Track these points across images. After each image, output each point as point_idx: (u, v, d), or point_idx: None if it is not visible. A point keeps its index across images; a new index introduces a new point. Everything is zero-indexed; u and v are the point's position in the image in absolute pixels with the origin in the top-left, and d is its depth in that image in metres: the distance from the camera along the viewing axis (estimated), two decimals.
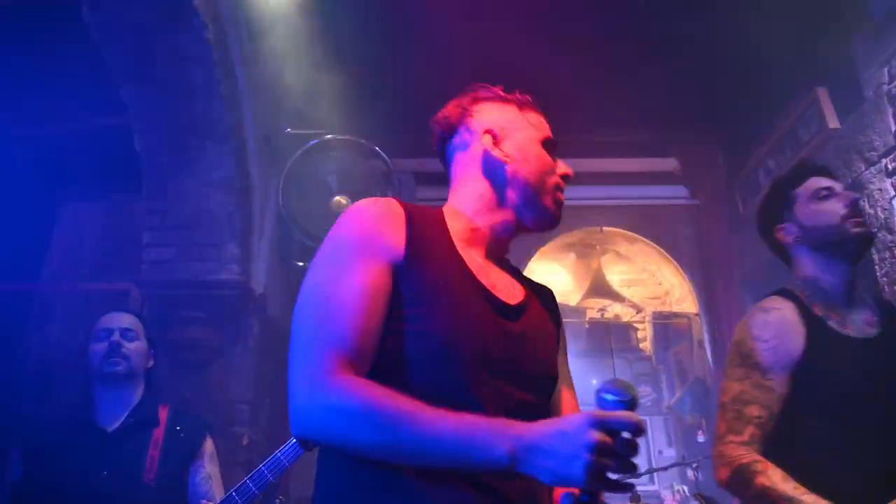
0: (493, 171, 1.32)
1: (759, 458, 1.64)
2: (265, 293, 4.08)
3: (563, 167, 1.35)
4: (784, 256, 1.97)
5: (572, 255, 6.13)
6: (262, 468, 2.31)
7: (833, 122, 3.62)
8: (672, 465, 4.15)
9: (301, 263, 4.26)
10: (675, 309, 5.72)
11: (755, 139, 4.49)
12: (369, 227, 1.18)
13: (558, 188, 1.33)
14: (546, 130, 1.38)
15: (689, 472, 4.24)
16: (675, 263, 5.47)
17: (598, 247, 5.94)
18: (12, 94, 4.18)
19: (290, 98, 4.14)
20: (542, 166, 1.32)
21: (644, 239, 5.50)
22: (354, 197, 4.07)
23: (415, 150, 4.60)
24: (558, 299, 1.47)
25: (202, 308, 3.82)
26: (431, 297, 1.12)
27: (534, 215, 1.30)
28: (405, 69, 4.11)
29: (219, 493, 2.39)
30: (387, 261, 1.14)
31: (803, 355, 1.71)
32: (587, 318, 5.81)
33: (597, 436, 0.88)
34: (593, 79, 4.23)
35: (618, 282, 6.03)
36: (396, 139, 4.37)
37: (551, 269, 6.11)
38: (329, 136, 4.07)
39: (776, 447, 1.68)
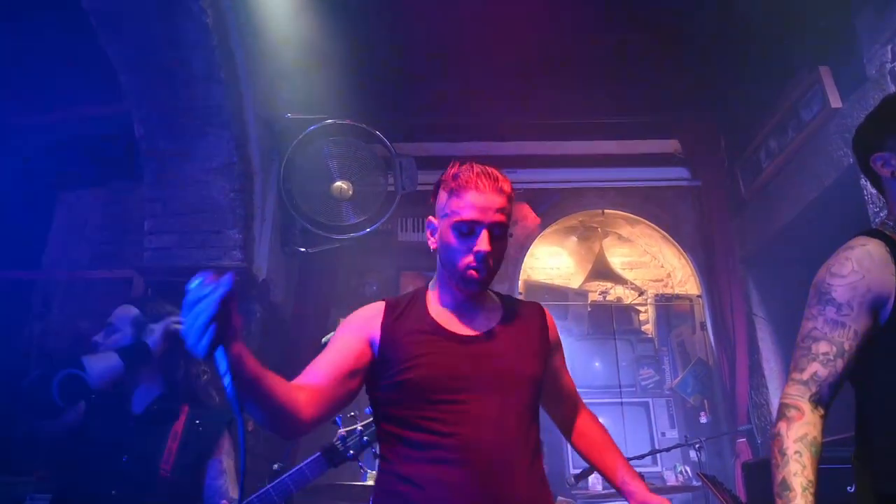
0: (436, 254, 1.72)
1: (802, 404, 1.55)
2: (267, 279, 4.08)
3: (478, 244, 1.58)
4: (878, 188, 1.82)
5: (574, 239, 6.12)
6: (286, 478, 2.28)
7: (836, 102, 3.60)
8: (675, 447, 4.16)
9: (303, 249, 4.26)
10: (678, 291, 5.72)
11: (756, 120, 4.48)
12: (353, 320, 1.69)
13: (469, 266, 1.59)
14: (463, 212, 1.59)
15: (692, 453, 4.26)
16: (677, 245, 5.47)
17: (599, 229, 5.93)
18: (12, 82, 4.16)
19: (290, 83, 4.12)
20: (450, 253, 1.62)
21: (646, 221, 5.49)
22: (356, 182, 4.06)
23: (417, 133, 4.59)
24: (560, 282, 1.65)
25: None
26: (403, 351, 1.58)
27: (457, 286, 1.65)
28: (407, 53, 4.09)
29: (232, 488, 2.40)
30: (361, 336, 1.63)
31: (891, 296, 1.58)
32: (589, 301, 5.80)
33: None
34: (594, 61, 4.21)
35: (620, 264, 6.03)
36: (398, 123, 4.35)
37: (553, 253, 6.11)
38: (329, 120, 4.05)
39: (856, 388, 1.61)
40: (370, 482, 3.23)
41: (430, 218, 1.71)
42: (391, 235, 4.94)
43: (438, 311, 1.67)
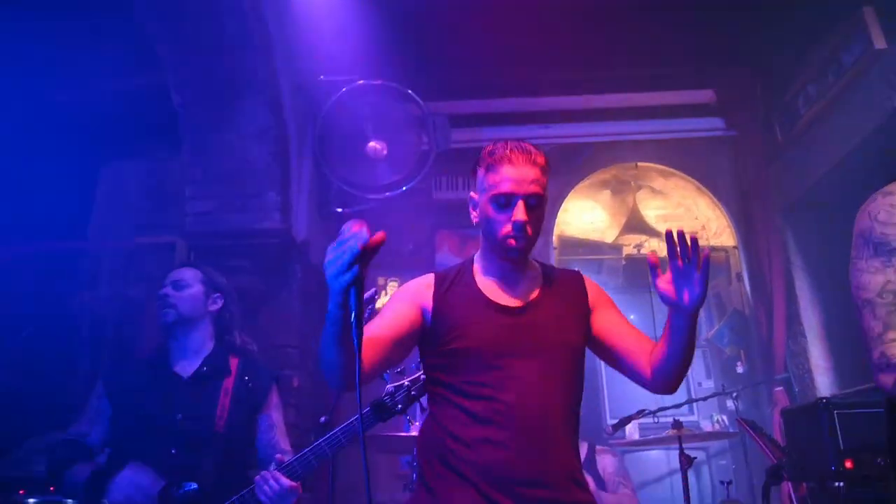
0: (479, 228, 1.81)
1: None
2: (307, 240, 4.16)
3: (515, 214, 1.67)
4: None
5: (607, 192, 6.09)
6: (338, 433, 2.31)
7: (880, 43, 3.51)
8: (711, 396, 4.19)
9: (340, 209, 4.32)
10: (713, 243, 5.67)
11: (794, 65, 4.37)
12: (406, 290, 1.81)
13: (508, 236, 1.68)
14: (499, 185, 1.68)
15: (729, 402, 4.29)
16: (712, 196, 5.41)
17: (632, 183, 5.89)
18: (51, 57, 4.24)
19: (323, 45, 4.13)
20: (490, 225, 1.72)
21: (680, 173, 5.44)
22: (389, 141, 4.09)
23: (448, 92, 4.58)
24: (594, 237, 1.70)
25: (246, 257, 3.92)
26: (452, 321, 1.70)
27: (499, 256, 1.74)
28: (439, 11, 4.07)
29: (282, 441, 2.50)
30: (414, 305, 1.73)
31: None
32: (624, 255, 5.80)
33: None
34: (625, 13, 4.13)
35: (654, 217, 5.99)
36: (430, 82, 4.35)
37: (587, 207, 6.09)
38: (361, 81, 4.06)
39: None
40: (413, 433, 3.33)
41: (472, 194, 1.81)
42: (426, 194, 4.97)
43: (484, 282, 1.77)
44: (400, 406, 2.27)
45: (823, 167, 4.19)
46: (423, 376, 2.29)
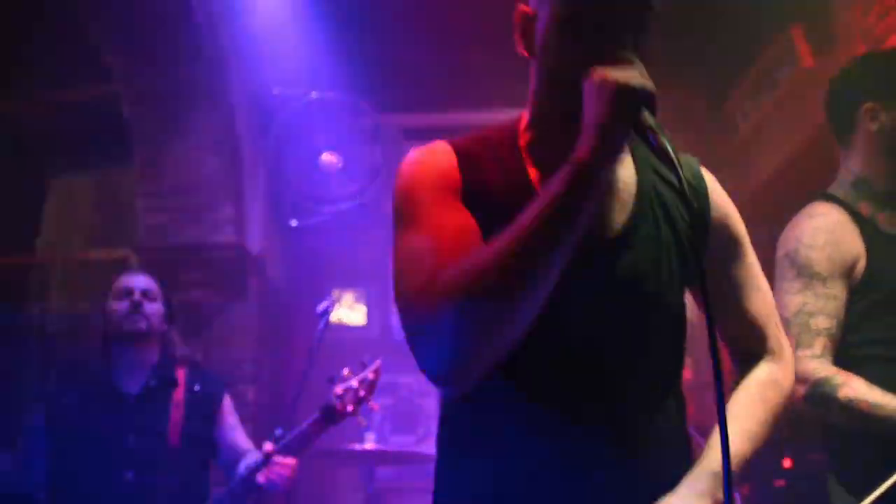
0: (532, 68, 1.09)
1: (835, 369, 1.56)
2: (262, 253, 4.17)
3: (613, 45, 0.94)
4: (842, 130, 1.80)
5: None
6: (290, 440, 2.29)
7: (808, 61, 3.69)
8: None
9: (294, 222, 4.34)
10: None
11: (732, 82, 4.56)
12: (429, 174, 1.04)
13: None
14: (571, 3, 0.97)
15: (690, 408, 4.41)
16: None
17: None
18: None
19: (277, 57, 4.16)
20: (560, 62, 1.00)
21: None
22: (343, 154, 4.12)
23: (402, 104, 4.64)
24: None
25: (200, 270, 3.91)
26: None
27: (570, 125, 0.93)
28: (394, 24, 4.13)
29: (244, 442, 2.46)
30: (458, 197, 1.02)
31: (860, 259, 1.64)
32: None
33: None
34: None
35: None
36: (383, 95, 4.40)
37: None
38: (315, 93, 4.10)
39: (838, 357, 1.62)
40: (368, 445, 3.33)
41: (521, 7, 1.06)
42: (379, 206, 5.01)
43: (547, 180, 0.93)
44: (350, 408, 2.27)
45: (760, 178, 4.37)
46: (370, 376, 2.30)
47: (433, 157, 1.05)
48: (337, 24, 3.94)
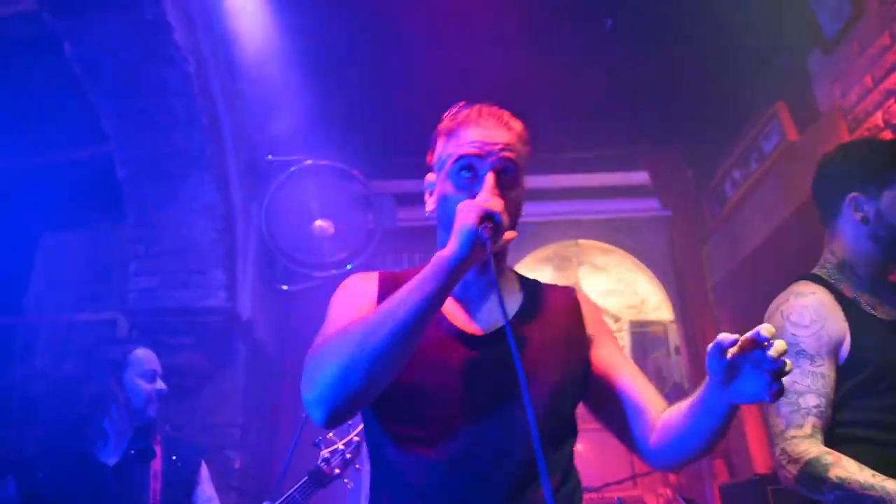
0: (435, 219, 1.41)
1: (826, 449, 1.56)
2: (251, 317, 4.14)
3: (482, 190, 1.25)
4: (827, 217, 1.85)
5: (549, 269, 6.25)
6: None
7: (793, 135, 3.79)
8: (654, 471, 4.26)
9: (285, 287, 4.34)
10: (652, 317, 5.86)
11: (721, 151, 4.67)
12: (351, 288, 1.42)
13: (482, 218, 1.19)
14: (461, 149, 1.31)
15: (671, 477, 4.36)
16: (650, 273, 5.62)
17: (574, 259, 6.07)
18: None
19: (271, 125, 4.23)
20: (448, 207, 1.29)
21: (619, 249, 5.64)
22: (336, 220, 4.16)
23: (394, 171, 4.71)
24: None
25: (189, 334, 3.87)
26: None
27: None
28: (383, 93, 4.23)
29: None
30: (369, 305, 1.34)
31: (846, 338, 1.66)
32: None
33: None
34: (566, 99, 4.37)
35: (596, 293, 6.16)
36: (377, 161, 4.47)
37: None
38: (308, 161, 4.16)
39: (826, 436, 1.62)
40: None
41: (428, 176, 1.42)
42: (372, 272, 5.02)
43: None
44: (337, 470, 2.26)
45: (749, 247, 4.42)
46: (355, 438, 2.31)
47: (362, 280, 1.43)
48: (332, 93, 4.03)
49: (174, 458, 2.38)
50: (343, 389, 1.12)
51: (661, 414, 1.30)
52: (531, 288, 1.45)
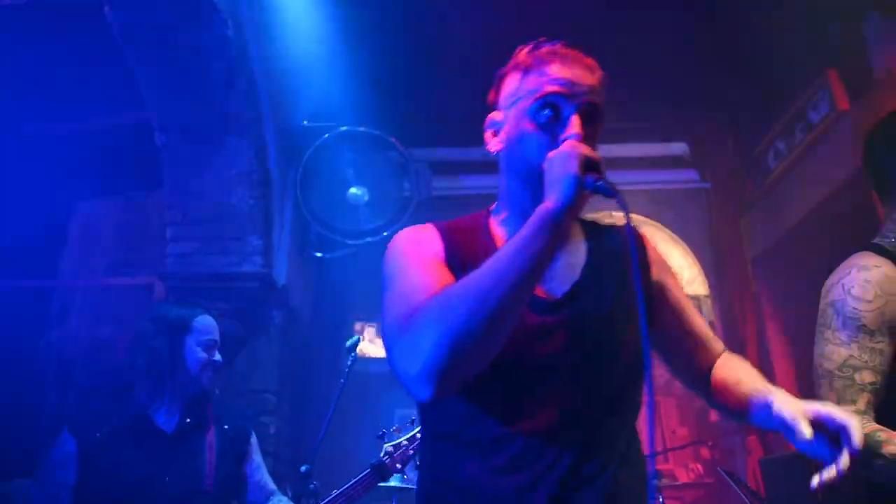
0: (500, 162, 1.31)
1: (878, 426, 1.52)
2: (287, 284, 4.14)
3: (568, 129, 1.17)
4: (885, 185, 1.78)
5: None
6: (338, 496, 2.25)
7: (844, 104, 3.67)
8: (689, 445, 4.23)
9: (320, 254, 4.33)
10: (686, 291, 5.78)
11: (765, 122, 4.54)
12: (415, 242, 1.28)
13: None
14: (545, 87, 1.20)
15: (703, 451, 4.33)
16: (685, 246, 5.53)
17: None
18: (31, 91, 4.22)
19: (308, 91, 4.19)
20: (526, 148, 1.21)
21: (654, 222, 5.56)
22: (371, 188, 4.13)
23: (430, 139, 4.65)
24: None
25: (226, 300, 3.87)
26: None
27: (532, 206, 1.12)
28: (422, 61, 4.16)
29: (270, 482, 2.40)
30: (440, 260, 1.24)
31: None
32: None
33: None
34: (605, 67, 4.27)
35: None
36: (412, 129, 4.42)
37: None
38: (344, 127, 4.12)
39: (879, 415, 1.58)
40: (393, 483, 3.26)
41: (493, 115, 1.32)
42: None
43: None
44: (399, 465, 2.22)
45: (792, 221, 4.32)
46: (419, 434, 2.24)
47: (420, 232, 1.30)
48: (368, 60, 3.97)
49: (226, 426, 2.32)
50: (457, 359, 1.00)
51: (719, 355, 1.38)
52: (592, 232, 1.35)
